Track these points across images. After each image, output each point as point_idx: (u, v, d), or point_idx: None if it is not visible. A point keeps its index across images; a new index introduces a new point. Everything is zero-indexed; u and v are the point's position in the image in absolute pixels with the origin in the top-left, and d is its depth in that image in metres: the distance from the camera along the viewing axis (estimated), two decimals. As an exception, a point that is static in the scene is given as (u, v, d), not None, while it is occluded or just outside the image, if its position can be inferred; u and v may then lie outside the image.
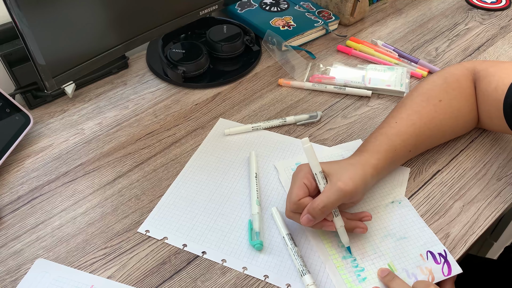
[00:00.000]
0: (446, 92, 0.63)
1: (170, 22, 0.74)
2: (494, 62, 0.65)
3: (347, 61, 0.86)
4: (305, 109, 0.76)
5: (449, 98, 0.63)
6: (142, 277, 0.54)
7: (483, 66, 0.64)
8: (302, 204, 0.52)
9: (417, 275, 0.53)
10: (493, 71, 0.62)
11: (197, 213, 0.60)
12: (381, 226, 0.58)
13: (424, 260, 0.54)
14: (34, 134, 0.72)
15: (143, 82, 0.82)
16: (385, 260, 0.55)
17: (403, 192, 0.62)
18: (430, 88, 0.64)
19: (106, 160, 0.68)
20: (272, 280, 0.53)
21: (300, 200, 0.52)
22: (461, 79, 0.64)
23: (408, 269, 0.54)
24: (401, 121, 0.61)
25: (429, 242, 0.56)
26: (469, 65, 0.66)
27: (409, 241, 0.56)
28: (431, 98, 0.63)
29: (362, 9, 0.94)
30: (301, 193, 0.52)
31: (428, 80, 0.66)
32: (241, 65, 0.84)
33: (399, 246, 0.56)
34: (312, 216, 0.51)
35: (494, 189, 0.63)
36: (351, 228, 0.54)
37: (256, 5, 0.95)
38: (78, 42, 0.63)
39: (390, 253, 0.55)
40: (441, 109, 0.62)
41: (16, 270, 0.55)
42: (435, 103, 0.62)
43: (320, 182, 0.53)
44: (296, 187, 0.53)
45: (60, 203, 0.62)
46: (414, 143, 0.61)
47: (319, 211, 0.50)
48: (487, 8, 1.00)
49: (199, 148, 0.69)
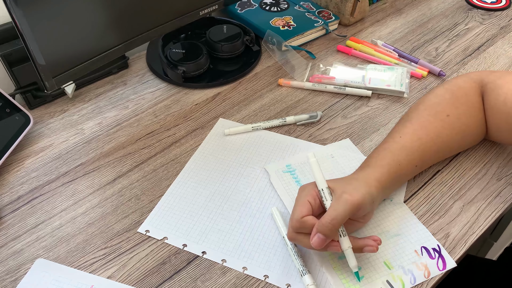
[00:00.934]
0: (454, 106, 0.61)
1: (170, 22, 0.74)
2: (502, 73, 0.63)
3: (347, 61, 0.86)
4: (305, 109, 0.76)
5: (457, 113, 0.61)
6: (142, 277, 0.54)
7: (491, 79, 0.62)
8: (306, 222, 0.49)
9: (413, 271, 0.53)
10: (501, 83, 0.60)
11: (197, 213, 0.60)
12: (374, 224, 0.58)
13: (419, 256, 0.55)
14: (34, 134, 0.72)
15: (143, 82, 0.82)
16: (381, 258, 0.55)
17: (403, 193, 0.62)
18: (438, 102, 0.62)
19: (106, 160, 0.68)
20: (272, 280, 0.53)
21: (303, 218, 0.49)
22: (469, 93, 0.62)
23: (404, 266, 0.54)
24: (406, 136, 0.59)
25: (422, 238, 0.57)
26: (476, 76, 0.64)
27: (403, 238, 0.57)
28: (439, 113, 0.60)
29: (362, 9, 0.94)
30: (305, 211, 0.50)
31: (436, 93, 0.63)
32: (241, 65, 0.84)
33: (394, 244, 0.56)
34: (323, 234, 0.48)
35: (494, 189, 0.63)
36: (359, 247, 0.51)
37: (256, 5, 0.95)
38: (78, 42, 0.63)
39: (385, 250, 0.55)
40: (449, 125, 0.60)
41: (16, 270, 0.55)
42: (443, 118, 0.60)
43: (327, 198, 0.51)
44: (299, 205, 0.51)
45: (60, 203, 0.62)
46: (420, 158, 0.59)
47: (329, 225, 0.47)
48: (487, 8, 1.00)
49: (199, 148, 0.69)
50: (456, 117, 0.61)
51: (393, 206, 0.60)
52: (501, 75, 0.62)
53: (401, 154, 0.57)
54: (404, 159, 0.57)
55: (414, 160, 0.58)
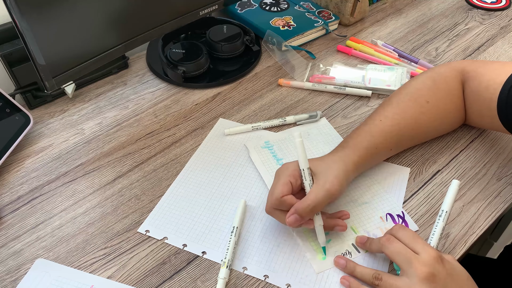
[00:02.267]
0: (434, 93, 0.64)
1: (170, 22, 0.74)
2: (484, 63, 0.65)
3: (347, 61, 0.86)
4: (305, 109, 0.76)
5: (436, 100, 0.63)
6: (142, 277, 0.54)
7: (473, 67, 0.64)
8: (285, 201, 0.52)
9: (377, 235, 0.57)
10: (483, 71, 0.62)
11: (197, 213, 0.60)
12: (344, 194, 0.60)
13: (384, 221, 0.59)
14: (34, 134, 0.72)
15: (143, 82, 0.82)
16: (348, 223, 0.58)
17: (403, 193, 0.62)
18: (419, 88, 0.65)
19: (106, 160, 0.68)
20: (272, 280, 0.53)
21: (283, 197, 0.52)
22: (449, 80, 0.65)
23: (369, 231, 0.58)
24: (386, 119, 0.62)
25: (389, 206, 0.60)
26: (458, 65, 0.66)
27: (371, 206, 0.60)
28: (419, 99, 0.63)
29: (362, 9, 0.94)
30: (285, 190, 0.52)
31: (417, 80, 0.66)
32: (241, 65, 0.84)
33: (361, 211, 0.60)
34: (300, 216, 0.51)
35: (494, 189, 0.63)
36: (330, 226, 0.55)
37: (256, 5, 0.95)
38: (78, 42, 0.63)
39: (352, 217, 0.59)
40: (427, 110, 0.63)
41: (16, 270, 0.55)
42: (422, 104, 0.63)
43: (307, 178, 0.53)
44: (280, 183, 0.53)
45: (60, 203, 0.62)
46: (396, 142, 0.63)
47: (308, 210, 0.51)
48: (487, 8, 1.00)
49: (199, 148, 0.69)
50: (435, 103, 0.63)
51: (367, 180, 0.63)
52: (483, 64, 0.64)
53: (379, 138, 0.60)
54: (382, 143, 0.60)
55: (391, 144, 0.62)
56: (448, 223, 0.59)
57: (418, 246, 0.48)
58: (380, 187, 0.63)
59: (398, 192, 0.62)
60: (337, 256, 0.54)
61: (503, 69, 0.60)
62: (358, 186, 0.62)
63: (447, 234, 0.58)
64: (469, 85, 0.63)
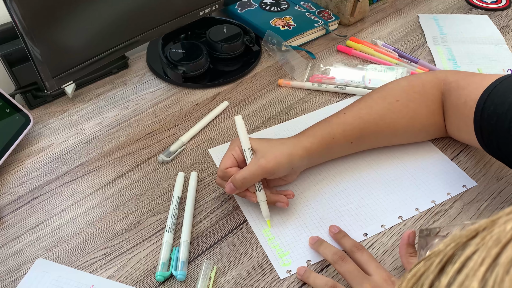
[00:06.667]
0: (406, 93, 0.63)
1: (170, 22, 0.74)
2: (466, 74, 0.62)
3: (347, 61, 0.86)
4: (305, 109, 0.76)
5: (407, 99, 0.63)
6: (142, 277, 0.54)
7: (455, 78, 0.62)
8: (228, 173, 0.56)
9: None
10: (464, 84, 0.60)
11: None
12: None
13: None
14: (34, 134, 0.72)
15: (143, 82, 0.82)
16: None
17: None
18: (392, 87, 0.65)
19: (106, 160, 0.68)
20: (272, 278, 0.53)
21: (226, 169, 0.56)
22: (427, 84, 0.64)
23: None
24: (350, 113, 0.62)
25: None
26: (441, 74, 0.64)
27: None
28: (389, 97, 0.63)
29: (362, 9, 0.94)
30: (228, 163, 0.57)
31: (393, 81, 0.66)
32: (241, 65, 0.84)
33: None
34: (234, 186, 0.55)
35: (494, 189, 0.63)
36: (273, 201, 0.58)
37: (256, 5, 0.95)
38: (78, 42, 0.63)
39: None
40: (395, 108, 0.62)
41: (16, 270, 0.55)
42: (391, 102, 0.63)
43: (248, 158, 0.56)
44: (225, 157, 0.58)
45: (60, 203, 0.62)
46: (358, 136, 0.62)
47: (240, 182, 0.55)
48: (487, 8, 1.00)
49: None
50: (405, 102, 0.63)
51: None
52: (465, 76, 0.62)
53: (337, 129, 0.61)
54: (340, 134, 0.61)
55: (351, 136, 0.61)
56: (448, 223, 0.59)
57: (371, 268, 0.50)
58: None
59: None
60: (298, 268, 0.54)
61: (482, 83, 0.56)
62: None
63: (447, 234, 0.57)
64: (449, 97, 0.62)
